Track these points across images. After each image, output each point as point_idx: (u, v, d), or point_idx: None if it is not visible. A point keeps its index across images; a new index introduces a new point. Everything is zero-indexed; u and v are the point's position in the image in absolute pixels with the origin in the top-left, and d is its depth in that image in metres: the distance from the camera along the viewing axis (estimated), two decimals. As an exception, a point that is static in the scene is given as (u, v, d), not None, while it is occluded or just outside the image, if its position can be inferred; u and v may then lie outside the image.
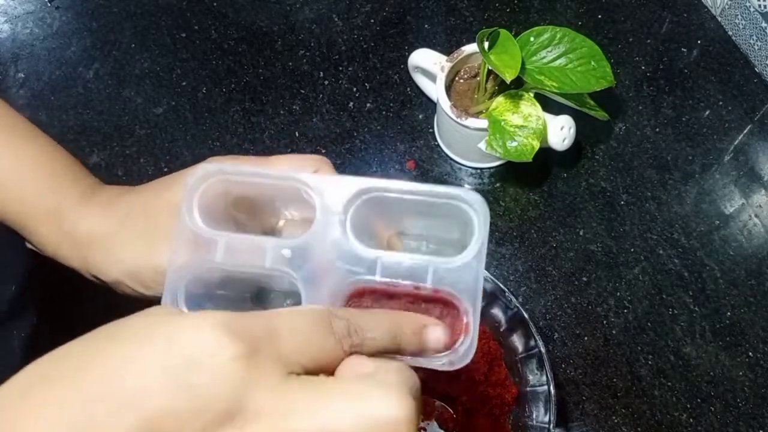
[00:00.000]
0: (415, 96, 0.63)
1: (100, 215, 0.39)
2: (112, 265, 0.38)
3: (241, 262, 0.32)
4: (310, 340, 0.24)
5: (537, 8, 0.67)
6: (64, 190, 0.40)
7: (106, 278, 0.39)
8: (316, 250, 0.32)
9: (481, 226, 0.31)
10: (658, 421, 0.50)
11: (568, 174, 0.59)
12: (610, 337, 0.53)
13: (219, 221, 0.34)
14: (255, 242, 0.32)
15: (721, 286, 0.54)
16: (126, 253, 0.38)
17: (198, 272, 0.33)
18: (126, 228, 0.39)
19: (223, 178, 0.34)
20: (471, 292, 0.30)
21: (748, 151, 0.60)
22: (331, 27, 0.67)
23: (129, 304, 0.56)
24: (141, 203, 0.39)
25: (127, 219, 0.39)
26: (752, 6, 0.60)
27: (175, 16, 0.68)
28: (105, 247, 0.39)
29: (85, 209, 0.39)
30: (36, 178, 0.40)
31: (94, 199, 0.40)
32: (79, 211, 0.39)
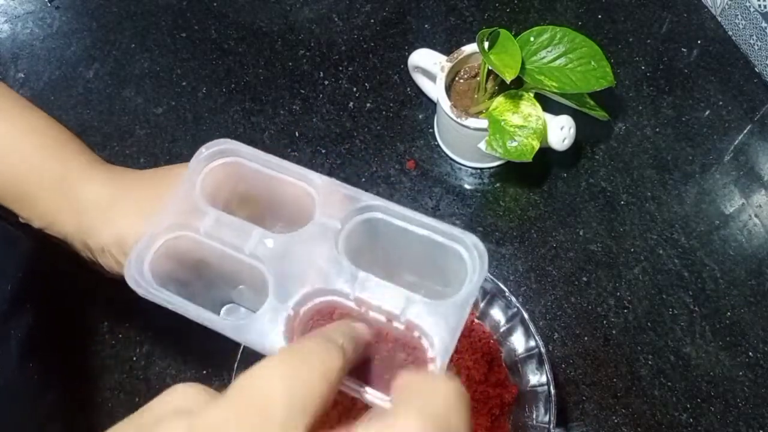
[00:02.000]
0: (415, 96, 0.63)
1: (104, 183, 0.40)
2: (105, 229, 0.39)
3: (225, 239, 0.32)
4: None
5: (537, 8, 0.67)
6: (71, 158, 0.41)
7: (95, 244, 0.40)
8: (299, 252, 0.31)
9: (477, 273, 0.29)
10: (658, 421, 0.50)
11: (568, 174, 0.59)
12: (610, 337, 0.53)
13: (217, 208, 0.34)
14: (243, 225, 0.32)
15: (721, 286, 0.54)
16: (122, 220, 0.39)
17: (177, 240, 0.32)
18: (127, 198, 0.39)
19: (235, 160, 0.34)
20: (446, 341, 0.27)
21: (748, 151, 0.60)
22: (331, 27, 0.67)
23: (126, 306, 0.56)
24: (147, 178, 0.40)
25: (130, 190, 0.40)
26: (752, 6, 0.60)
27: (175, 16, 0.68)
28: (103, 212, 0.39)
29: (90, 176, 0.40)
30: (44, 146, 0.41)
31: (100, 168, 0.41)
32: (84, 178, 0.40)
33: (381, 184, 0.59)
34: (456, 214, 0.58)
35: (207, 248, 0.33)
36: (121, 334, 0.54)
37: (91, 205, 0.40)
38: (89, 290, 0.56)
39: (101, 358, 0.53)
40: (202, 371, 0.52)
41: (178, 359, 0.53)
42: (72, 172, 0.40)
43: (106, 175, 0.41)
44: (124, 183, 0.40)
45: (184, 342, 0.53)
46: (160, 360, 0.53)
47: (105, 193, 0.40)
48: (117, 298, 0.55)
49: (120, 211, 0.39)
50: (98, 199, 0.40)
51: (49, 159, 0.40)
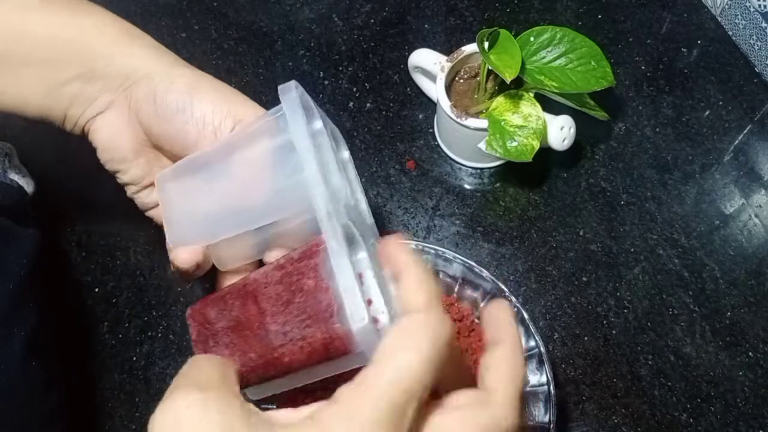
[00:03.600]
0: (415, 96, 0.63)
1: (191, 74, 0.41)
2: (195, 102, 0.39)
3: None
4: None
5: (537, 8, 0.67)
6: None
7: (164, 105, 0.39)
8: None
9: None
10: (658, 421, 0.50)
11: (568, 174, 0.59)
12: (610, 337, 0.53)
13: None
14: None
15: (721, 286, 0.54)
16: (207, 96, 0.40)
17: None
18: (211, 84, 0.41)
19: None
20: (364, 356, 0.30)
21: (748, 151, 0.60)
22: (331, 27, 0.67)
23: (127, 305, 0.56)
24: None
25: (214, 82, 0.41)
26: (752, 6, 0.60)
27: (175, 16, 0.68)
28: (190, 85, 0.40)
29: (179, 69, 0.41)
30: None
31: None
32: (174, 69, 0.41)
33: (381, 184, 0.59)
34: (456, 214, 0.58)
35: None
36: (121, 334, 0.54)
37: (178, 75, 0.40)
38: (89, 290, 0.56)
39: (101, 358, 0.53)
40: (202, 371, 0.52)
41: (178, 359, 0.53)
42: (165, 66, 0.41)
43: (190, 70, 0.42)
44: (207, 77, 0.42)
45: (184, 342, 0.53)
46: (160, 360, 0.53)
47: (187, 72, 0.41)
48: (117, 298, 0.55)
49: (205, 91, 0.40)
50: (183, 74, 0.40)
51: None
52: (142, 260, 0.57)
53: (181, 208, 0.39)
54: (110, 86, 0.40)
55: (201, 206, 0.38)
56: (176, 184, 0.39)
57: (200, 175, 0.38)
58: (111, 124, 0.41)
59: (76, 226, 0.58)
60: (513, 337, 0.31)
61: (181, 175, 0.39)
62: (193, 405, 0.25)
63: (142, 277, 0.56)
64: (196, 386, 0.26)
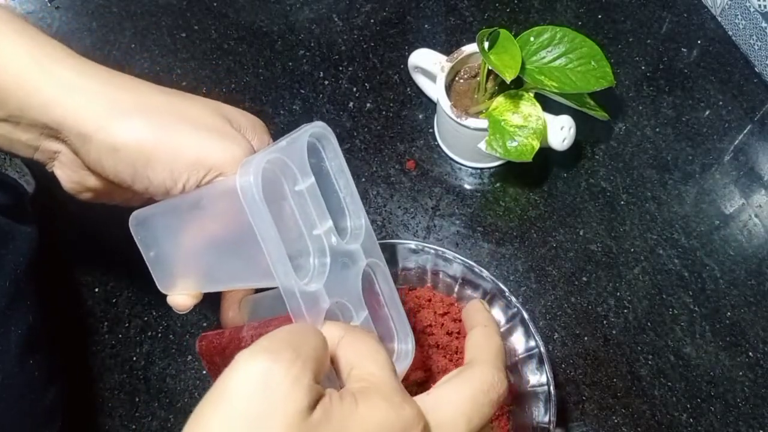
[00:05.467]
0: (415, 96, 0.63)
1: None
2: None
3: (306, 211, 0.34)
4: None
5: (537, 8, 0.67)
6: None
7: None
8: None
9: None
10: (658, 421, 0.50)
11: (568, 174, 0.59)
12: (610, 337, 0.53)
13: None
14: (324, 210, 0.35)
15: (721, 286, 0.54)
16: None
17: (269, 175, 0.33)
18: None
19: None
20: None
21: (748, 151, 0.60)
22: (331, 27, 0.67)
23: (127, 305, 0.56)
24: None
25: (165, 130, 0.34)
26: (752, 6, 0.60)
27: (175, 16, 0.68)
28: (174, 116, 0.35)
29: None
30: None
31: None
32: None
33: (381, 184, 0.59)
34: (456, 214, 0.58)
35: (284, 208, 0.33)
36: (121, 334, 0.54)
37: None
38: (89, 290, 0.56)
39: (101, 358, 0.53)
40: (202, 371, 0.52)
41: (178, 359, 0.53)
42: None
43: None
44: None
45: (184, 342, 0.53)
46: (160, 360, 0.53)
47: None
48: (117, 298, 0.55)
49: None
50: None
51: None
52: (142, 260, 0.57)
53: (159, 256, 0.39)
54: (45, 135, 0.35)
55: (175, 260, 0.38)
56: (148, 231, 0.39)
57: (168, 228, 0.37)
58: (72, 174, 0.37)
59: (75, 226, 0.58)
60: (485, 319, 0.38)
61: (150, 224, 0.38)
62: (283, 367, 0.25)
63: (142, 277, 0.56)
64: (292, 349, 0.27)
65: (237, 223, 0.32)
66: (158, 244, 0.39)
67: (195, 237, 0.37)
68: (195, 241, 0.37)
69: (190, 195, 0.35)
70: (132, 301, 0.55)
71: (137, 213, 0.39)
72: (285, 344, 0.26)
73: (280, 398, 0.25)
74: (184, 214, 0.36)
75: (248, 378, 0.25)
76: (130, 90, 0.34)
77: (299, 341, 0.27)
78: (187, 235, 0.37)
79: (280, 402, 0.24)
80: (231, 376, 0.25)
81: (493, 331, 0.37)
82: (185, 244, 0.37)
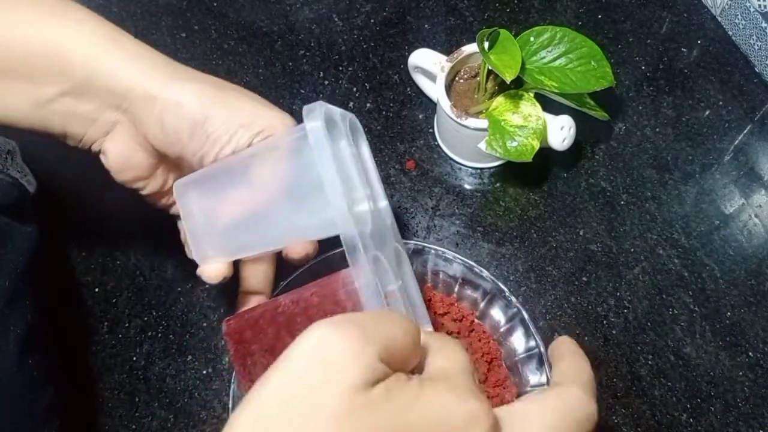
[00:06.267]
0: (415, 96, 0.63)
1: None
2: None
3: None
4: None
5: (537, 8, 0.67)
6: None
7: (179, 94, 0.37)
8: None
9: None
10: (658, 421, 0.50)
11: (568, 174, 0.59)
12: (610, 337, 0.53)
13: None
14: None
15: (721, 286, 0.54)
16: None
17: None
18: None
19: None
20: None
21: (748, 151, 0.60)
22: (331, 27, 0.67)
23: (127, 305, 0.56)
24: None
25: (224, 93, 0.39)
26: (752, 6, 0.60)
27: (175, 16, 0.68)
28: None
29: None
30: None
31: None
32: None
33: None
34: (456, 214, 0.58)
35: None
36: (121, 334, 0.54)
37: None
38: (89, 290, 0.56)
39: (101, 358, 0.53)
40: (202, 371, 0.52)
41: (178, 359, 0.53)
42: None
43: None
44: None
45: (184, 342, 0.53)
46: (160, 360, 0.53)
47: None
48: (117, 298, 0.55)
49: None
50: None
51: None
52: (142, 260, 0.57)
53: (203, 220, 0.39)
54: (107, 105, 0.37)
55: (222, 222, 0.38)
56: (194, 195, 0.39)
57: (220, 189, 0.38)
58: (122, 147, 0.39)
59: (76, 226, 0.58)
60: (575, 350, 0.37)
61: (199, 187, 0.39)
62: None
63: (142, 277, 0.56)
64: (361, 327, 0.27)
65: (289, 176, 0.35)
66: (201, 208, 0.39)
67: (242, 197, 0.37)
68: (241, 201, 0.37)
69: (240, 154, 0.37)
70: (132, 301, 0.55)
71: (183, 179, 0.39)
72: (351, 322, 0.26)
73: (339, 368, 0.24)
74: (232, 174, 0.37)
75: (309, 346, 0.25)
76: (185, 67, 0.39)
77: (370, 322, 0.27)
78: (233, 196, 0.37)
79: (338, 372, 0.24)
80: (295, 344, 0.26)
81: (585, 360, 0.36)
82: (231, 204, 0.38)
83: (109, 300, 0.55)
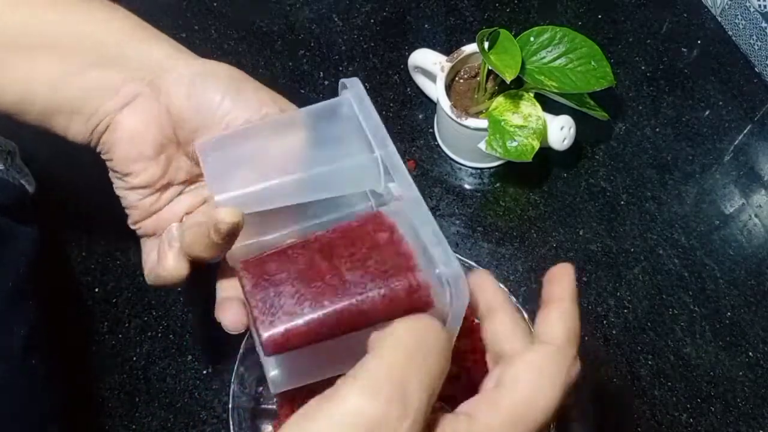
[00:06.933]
0: (415, 96, 0.63)
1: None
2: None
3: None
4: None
5: (537, 8, 0.67)
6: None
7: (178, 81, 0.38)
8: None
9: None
10: (658, 421, 0.50)
11: (568, 174, 0.59)
12: (610, 337, 0.53)
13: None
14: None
15: (721, 286, 0.54)
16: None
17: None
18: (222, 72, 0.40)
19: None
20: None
21: (748, 151, 0.60)
22: (331, 27, 0.67)
23: (127, 305, 0.56)
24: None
25: (249, 78, 0.41)
26: (752, 6, 0.60)
27: (175, 16, 0.68)
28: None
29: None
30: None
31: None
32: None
33: (381, 184, 0.59)
34: (456, 214, 0.58)
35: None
36: (121, 334, 0.54)
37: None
38: (89, 290, 0.56)
39: (101, 358, 0.53)
40: (202, 371, 0.52)
41: (178, 359, 0.53)
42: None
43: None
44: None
45: (184, 342, 0.53)
46: (160, 360, 0.53)
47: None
48: (117, 298, 0.55)
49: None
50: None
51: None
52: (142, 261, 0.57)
53: (228, 162, 0.37)
54: (133, 77, 0.37)
55: (248, 167, 0.37)
56: (222, 152, 0.37)
57: (250, 143, 0.37)
58: (138, 118, 0.38)
59: (76, 226, 0.58)
60: (568, 293, 0.31)
61: (227, 145, 0.37)
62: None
63: (142, 277, 0.56)
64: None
65: (320, 133, 0.37)
66: (222, 156, 0.37)
67: (270, 152, 0.37)
68: (264, 152, 0.37)
69: (273, 118, 0.38)
70: (132, 301, 0.55)
71: (206, 139, 0.38)
72: (392, 389, 0.24)
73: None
74: (265, 134, 0.37)
75: (346, 413, 0.23)
76: (206, 60, 0.41)
77: (408, 376, 0.25)
78: (257, 147, 0.37)
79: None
80: (330, 404, 0.24)
81: (574, 311, 0.30)
82: (253, 154, 0.37)
83: (109, 300, 0.55)
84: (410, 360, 0.25)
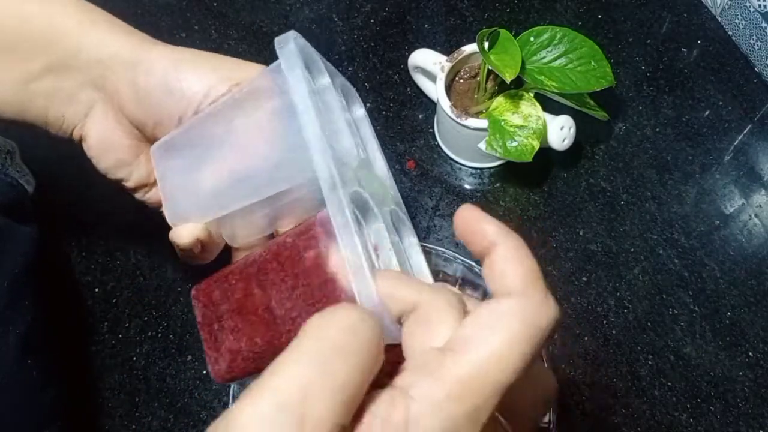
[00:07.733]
0: (415, 96, 0.63)
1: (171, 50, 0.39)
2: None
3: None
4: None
5: (537, 8, 0.67)
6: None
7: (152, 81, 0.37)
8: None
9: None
10: (658, 421, 0.50)
11: (568, 174, 0.59)
12: (610, 337, 0.53)
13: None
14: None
15: (721, 286, 0.54)
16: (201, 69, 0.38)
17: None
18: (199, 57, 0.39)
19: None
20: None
21: (748, 151, 0.60)
22: (331, 27, 0.67)
23: (127, 305, 0.56)
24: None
25: (194, 54, 0.39)
26: (752, 6, 0.60)
27: (175, 16, 0.68)
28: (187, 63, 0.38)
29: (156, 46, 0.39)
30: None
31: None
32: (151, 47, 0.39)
33: (381, 184, 0.59)
34: (456, 214, 0.58)
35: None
36: (121, 334, 0.54)
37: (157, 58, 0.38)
38: (89, 290, 0.56)
39: (101, 358, 0.53)
40: (202, 371, 0.52)
41: (178, 359, 0.53)
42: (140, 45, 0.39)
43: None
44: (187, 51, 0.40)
45: (184, 342, 0.53)
46: (160, 360, 0.53)
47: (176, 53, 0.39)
48: (117, 298, 0.55)
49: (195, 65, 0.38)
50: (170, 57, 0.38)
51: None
52: (142, 260, 0.57)
53: (179, 181, 0.36)
54: (86, 79, 0.37)
55: (199, 177, 0.36)
56: (172, 155, 0.37)
57: (196, 143, 0.36)
58: (100, 128, 0.38)
59: (76, 226, 0.58)
60: (500, 235, 0.26)
61: (176, 145, 0.37)
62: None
63: (142, 277, 0.56)
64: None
65: (264, 118, 0.34)
66: (175, 166, 0.37)
67: (218, 148, 0.36)
68: (217, 152, 0.36)
69: (212, 106, 0.36)
70: (132, 301, 0.55)
71: (157, 142, 0.38)
72: (295, 389, 0.20)
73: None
74: (206, 124, 0.36)
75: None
76: (156, 42, 0.39)
77: (311, 387, 0.20)
78: (209, 146, 0.36)
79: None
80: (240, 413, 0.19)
81: (519, 248, 0.25)
82: (208, 157, 0.36)
83: (109, 300, 0.55)
84: (309, 368, 0.20)
